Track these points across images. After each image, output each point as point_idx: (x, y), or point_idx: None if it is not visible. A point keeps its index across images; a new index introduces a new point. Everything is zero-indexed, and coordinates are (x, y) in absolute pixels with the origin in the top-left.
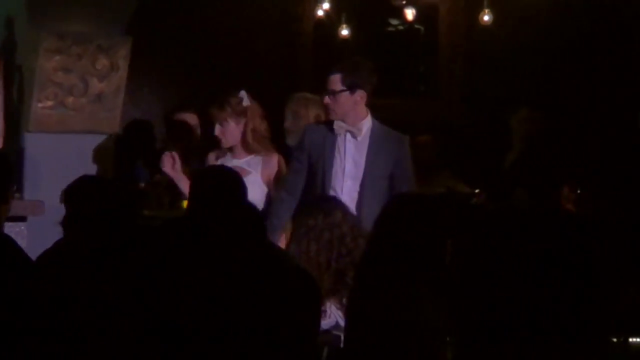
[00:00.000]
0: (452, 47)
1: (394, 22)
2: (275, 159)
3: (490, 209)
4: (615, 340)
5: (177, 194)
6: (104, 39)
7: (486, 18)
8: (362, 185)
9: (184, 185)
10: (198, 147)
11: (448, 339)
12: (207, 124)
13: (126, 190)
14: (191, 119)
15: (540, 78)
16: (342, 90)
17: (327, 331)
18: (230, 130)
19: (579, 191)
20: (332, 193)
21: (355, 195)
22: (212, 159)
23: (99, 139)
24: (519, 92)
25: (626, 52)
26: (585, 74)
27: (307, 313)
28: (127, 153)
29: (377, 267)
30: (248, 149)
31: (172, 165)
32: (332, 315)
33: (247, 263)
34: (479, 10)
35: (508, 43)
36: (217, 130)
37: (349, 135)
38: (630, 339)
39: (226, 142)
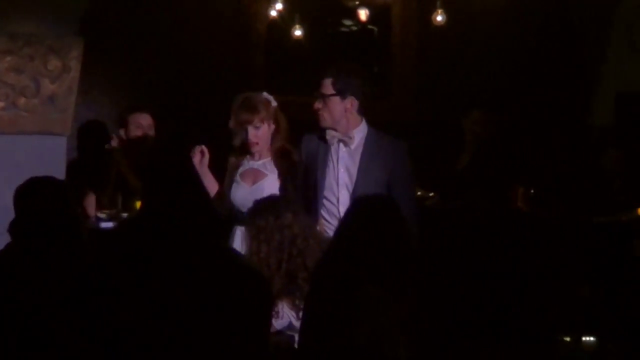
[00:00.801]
0: (405, 47)
1: (348, 22)
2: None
3: (444, 209)
4: (568, 339)
5: (130, 194)
6: (55, 39)
7: (439, 18)
8: (354, 195)
9: (208, 181)
10: (152, 148)
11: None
12: (161, 124)
13: (77, 192)
14: (145, 119)
15: (493, 78)
16: (332, 95)
17: (281, 332)
18: (264, 134)
19: (532, 191)
20: (326, 204)
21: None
22: (232, 163)
23: (51, 140)
24: (472, 92)
25: (576, 53)
26: (537, 73)
27: (257, 313)
28: (80, 154)
29: (334, 269)
30: (274, 152)
31: (200, 160)
32: (285, 316)
33: (199, 264)
34: (431, 10)
35: (460, 43)
36: (252, 134)
37: (341, 145)
38: (583, 338)
39: (261, 147)
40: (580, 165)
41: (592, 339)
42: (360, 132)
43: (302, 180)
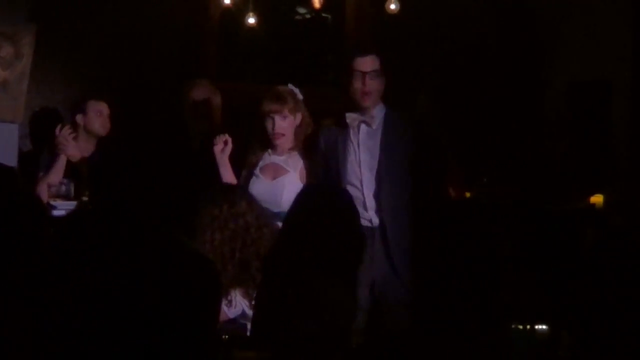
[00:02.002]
0: (359, 35)
1: (302, 10)
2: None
3: None
4: (520, 327)
5: (82, 182)
6: (7, 26)
7: (392, 7)
8: (378, 175)
9: (225, 171)
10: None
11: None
12: (119, 113)
13: (29, 179)
14: (103, 108)
15: (446, 66)
16: (381, 71)
17: (234, 320)
18: (289, 126)
19: (484, 179)
20: (350, 189)
21: (376, 190)
22: (252, 156)
23: (3, 127)
24: (425, 81)
25: (530, 42)
26: (490, 62)
27: (205, 301)
28: (32, 141)
29: (285, 258)
30: (293, 147)
31: (222, 149)
32: (238, 305)
33: (147, 252)
34: None
35: (414, 31)
36: (279, 125)
37: (363, 126)
38: (537, 327)
39: (285, 139)
40: (533, 154)
41: (544, 327)
42: (380, 111)
43: (324, 175)
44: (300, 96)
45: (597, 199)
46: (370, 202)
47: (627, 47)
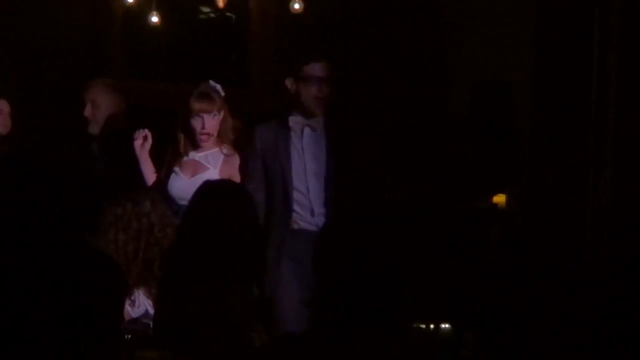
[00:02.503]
0: (263, 35)
1: (205, 9)
2: (238, 158)
3: None
4: (424, 326)
5: None
6: None
7: (296, 6)
8: (326, 181)
9: (146, 168)
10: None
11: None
12: (21, 112)
13: None
14: (3, 106)
15: (350, 65)
16: (329, 78)
17: (136, 320)
18: (216, 124)
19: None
20: (296, 195)
21: (324, 195)
22: (172, 153)
23: None
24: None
25: (434, 41)
26: (395, 62)
27: (110, 301)
28: None
29: (184, 256)
30: (217, 144)
31: (141, 144)
32: (142, 305)
33: (49, 253)
34: None
35: (318, 31)
36: (210, 124)
37: (307, 129)
38: (441, 325)
39: (212, 136)
40: (437, 154)
41: (447, 326)
42: (321, 115)
43: (260, 174)
44: (222, 93)
45: (500, 198)
46: (318, 208)
47: (528, 48)
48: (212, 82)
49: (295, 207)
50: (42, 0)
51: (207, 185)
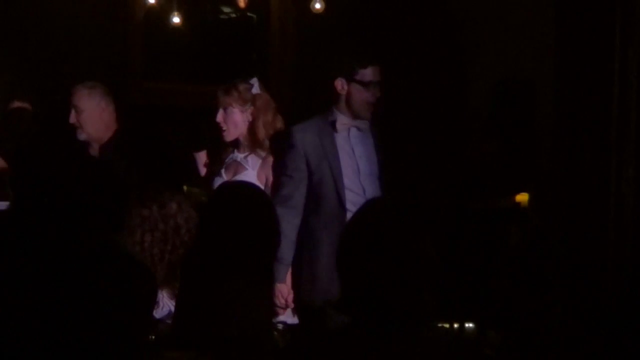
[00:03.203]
0: (284, 34)
1: (227, 9)
2: (271, 161)
3: None
4: (447, 326)
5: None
6: None
7: (317, 6)
8: (380, 180)
9: (199, 160)
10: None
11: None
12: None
13: None
14: (26, 107)
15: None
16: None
17: (160, 320)
18: (233, 118)
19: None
20: (351, 196)
21: (378, 192)
22: (221, 155)
23: None
24: None
25: (455, 39)
26: (415, 60)
27: (139, 304)
28: None
29: (202, 257)
30: (254, 144)
31: None
32: (166, 306)
33: (79, 255)
34: None
35: (339, 30)
36: (220, 116)
37: (354, 130)
38: (466, 324)
39: (228, 131)
40: (459, 152)
41: (472, 325)
42: None
43: (302, 176)
44: (256, 90)
45: (523, 197)
46: None
47: (550, 46)
48: (253, 80)
49: (350, 207)
50: (62, 1)
51: (225, 186)
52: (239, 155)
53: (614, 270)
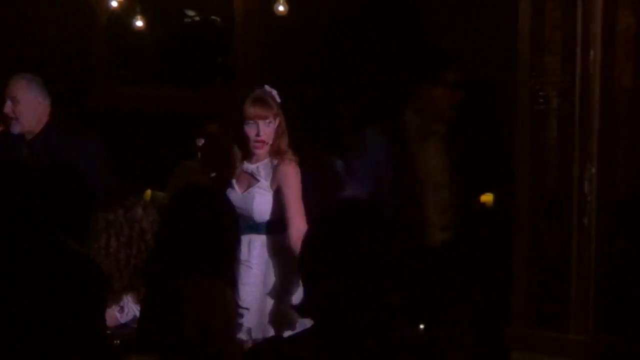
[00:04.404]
0: (248, 37)
1: (190, 12)
2: (291, 168)
3: None
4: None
5: None
6: None
7: (281, 8)
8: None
9: None
10: None
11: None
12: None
13: None
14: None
15: (337, 68)
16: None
17: (125, 325)
18: (271, 131)
19: None
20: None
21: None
22: (230, 166)
23: None
24: (317, 83)
25: (422, 41)
26: (383, 65)
27: (92, 306)
28: None
29: (164, 260)
30: (272, 154)
31: None
32: (131, 310)
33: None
34: (273, 0)
35: (304, 33)
36: (264, 130)
37: (432, 136)
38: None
39: (264, 145)
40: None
41: (421, 326)
42: None
43: (368, 179)
44: (278, 99)
45: (487, 197)
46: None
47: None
48: (267, 88)
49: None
50: (26, 5)
51: (185, 189)
52: (249, 166)
53: (577, 269)
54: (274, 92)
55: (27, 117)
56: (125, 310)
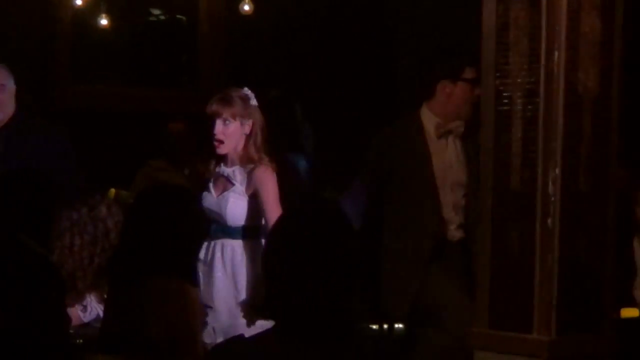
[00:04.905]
0: (213, 37)
1: (155, 11)
2: (267, 173)
3: None
4: (376, 327)
5: None
6: None
7: (246, 7)
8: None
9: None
10: None
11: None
12: None
13: None
14: None
15: (302, 67)
16: None
17: (88, 324)
18: (232, 132)
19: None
20: (454, 200)
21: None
22: (208, 169)
23: None
24: (283, 83)
25: (386, 43)
26: (348, 65)
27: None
28: None
29: (128, 260)
30: (244, 159)
31: None
32: (94, 309)
33: None
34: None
35: (270, 32)
36: (219, 128)
37: (450, 136)
38: (394, 326)
39: (225, 146)
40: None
41: (401, 326)
42: None
43: (372, 181)
44: (254, 102)
45: None
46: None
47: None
48: (246, 89)
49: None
50: None
51: (150, 189)
52: (226, 170)
53: (540, 269)
54: (250, 95)
55: (9, 106)
56: (89, 309)
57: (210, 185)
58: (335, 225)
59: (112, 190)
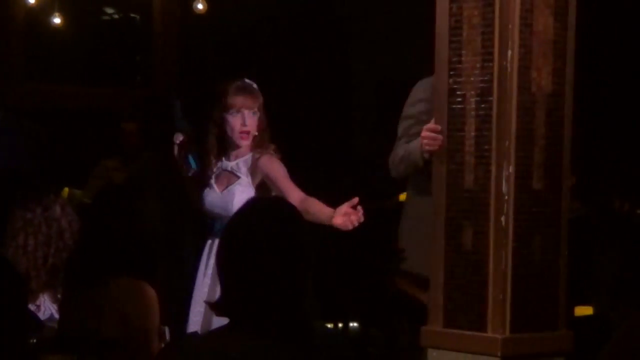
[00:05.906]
0: (167, 35)
1: (109, 10)
2: (273, 159)
3: None
4: (332, 325)
5: None
6: None
7: (200, 7)
8: None
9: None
10: None
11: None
12: None
13: None
14: None
15: (256, 66)
16: None
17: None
18: (258, 123)
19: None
20: None
21: None
22: (208, 164)
23: None
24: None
25: (339, 40)
26: (296, 62)
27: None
28: None
29: (85, 260)
30: (256, 147)
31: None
32: (47, 309)
33: None
34: None
35: (223, 31)
36: (250, 120)
37: None
38: (350, 324)
39: (250, 136)
40: (344, 153)
41: (355, 324)
42: None
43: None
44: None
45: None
46: None
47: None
48: (247, 80)
49: None
50: None
51: (106, 189)
52: (228, 164)
53: (494, 268)
54: (255, 85)
55: None
56: (42, 309)
57: (212, 181)
58: (287, 221)
59: (66, 190)
